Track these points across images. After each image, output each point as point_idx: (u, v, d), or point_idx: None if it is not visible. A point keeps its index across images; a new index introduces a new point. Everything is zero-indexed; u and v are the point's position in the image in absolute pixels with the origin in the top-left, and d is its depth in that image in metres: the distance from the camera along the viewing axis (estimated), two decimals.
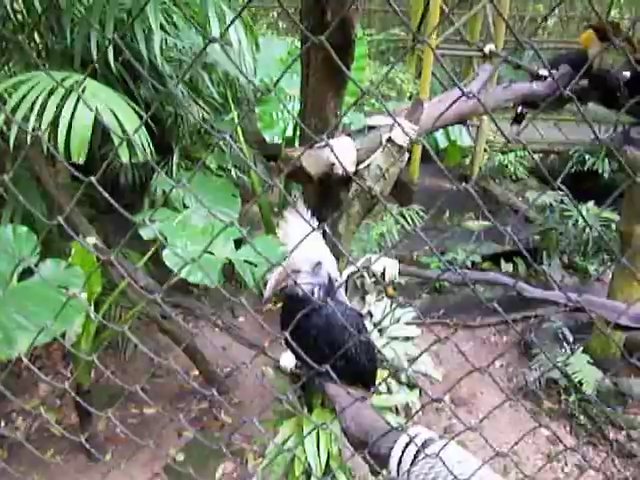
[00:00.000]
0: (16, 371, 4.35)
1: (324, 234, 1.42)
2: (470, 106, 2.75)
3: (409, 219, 5.49)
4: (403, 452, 1.11)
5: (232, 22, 0.73)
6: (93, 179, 0.71)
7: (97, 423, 3.86)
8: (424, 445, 1.10)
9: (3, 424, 4.02)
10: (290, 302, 1.73)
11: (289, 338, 0.95)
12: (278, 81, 0.68)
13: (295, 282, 1.57)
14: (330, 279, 1.67)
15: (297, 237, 1.50)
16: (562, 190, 0.74)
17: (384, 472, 1.15)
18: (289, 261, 1.61)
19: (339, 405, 1.50)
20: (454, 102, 0.72)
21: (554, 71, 3.52)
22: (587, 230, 5.60)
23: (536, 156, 7.03)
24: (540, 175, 6.97)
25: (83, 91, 2.79)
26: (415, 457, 1.09)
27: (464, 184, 0.77)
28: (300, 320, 1.09)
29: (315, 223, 1.59)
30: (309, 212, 1.69)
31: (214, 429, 4.13)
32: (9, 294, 2.41)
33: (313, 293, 1.64)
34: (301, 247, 1.44)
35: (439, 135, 5.22)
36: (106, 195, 0.73)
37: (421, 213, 5.55)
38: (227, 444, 3.97)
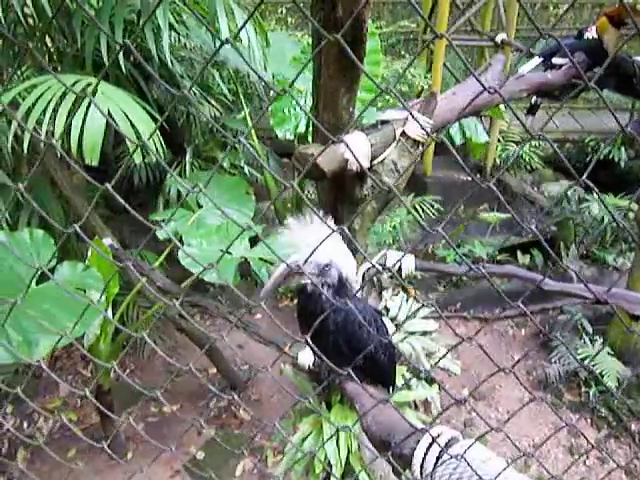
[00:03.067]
0: (37, 371, 4.41)
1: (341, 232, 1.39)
2: (485, 97, 2.70)
3: (422, 212, 5.46)
4: (426, 452, 1.09)
5: (245, 23, 0.71)
6: (109, 186, 0.70)
7: (118, 422, 3.90)
8: (447, 445, 1.09)
9: (25, 424, 4.07)
10: (302, 300, 1.71)
11: (309, 341, 0.94)
12: (293, 82, 0.66)
13: (311, 283, 1.54)
14: (340, 279, 1.63)
15: (306, 242, 1.48)
16: (587, 185, 0.72)
17: (407, 472, 1.14)
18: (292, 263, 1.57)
19: (360, 405, 1.49)
20: (476, 97, 0.70)
21: (568, 59, 3.45)
22: (605, 220, 5.51)
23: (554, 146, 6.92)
24: (556, 165, 6.87)
25: (94, 93, 2.79)
26: (438, 457, 1.08)
27: (481, 179, 0.76)
28: (315, 318, 1.08)
29: (331, 224, 1.56)
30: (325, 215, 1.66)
31: (233, 426, 4.15)
32: (28, 297, 2.43)
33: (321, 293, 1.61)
34: (307, 251, 1.41)
35: (454, 132, 5.16)
36: (123, 202, 0.73)
37: (435, 205, 5.50)
38: (247, 441, 3.99)
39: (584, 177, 0.68)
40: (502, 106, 5.61)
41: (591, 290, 0.86)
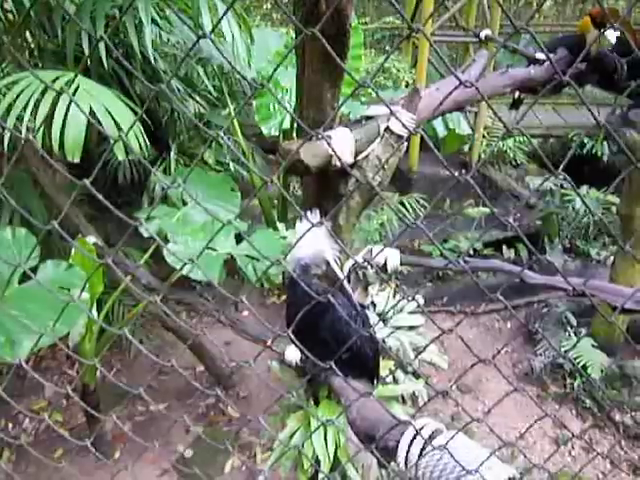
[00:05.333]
0: (22, 372, 4.36)
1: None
2: (468, 93, 2.72)
3: (409, 208, 5.48)
4: (411, 444, 1.10)
5: (223, 16, 0.71)
6: (87, 182, 0.70)
7: (104, 422, 3.87)
8: (432, 436, 1.10)
9: (10, 426, 4.03)
10: (295, 297, 1.71)
11: (292, 336, 0.94)
12: (272, 76, 0.66)
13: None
14: (335, 273, 1.66)
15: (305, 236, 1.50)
16: (565, 178, 0.73)
17: (393, 464, 1.15)
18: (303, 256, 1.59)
19: (346, 399, 1.50)
20: (452, 91, 0.71)
21: (551, 55, 3.48)
22: (588, 214, 5.58)
23: (535, 141, 7.00)
24: (540, 160, 6.94)
25: (76, 89, 2.76)
26: (423, 449, 1.09)
27: (464, 174, 0.76)
28: (305, 314, 1.08)
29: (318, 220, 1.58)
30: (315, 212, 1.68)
31: (222, 424, 4.14)
32: (11, 297, 2.40)
33: (324, 288, 1.62)
34: (309, 244, 1.43)
35: (438, 124, 5.18)
36: (101, 198, 0.72)
37: (421, 201, 5.53)
38: (235, 438, 3.98)
39: (560, 169, 0.69)
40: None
41: (568, 281, 0.88)
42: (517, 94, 3.69)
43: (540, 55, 3.47)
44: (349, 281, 2.54)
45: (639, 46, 3.21)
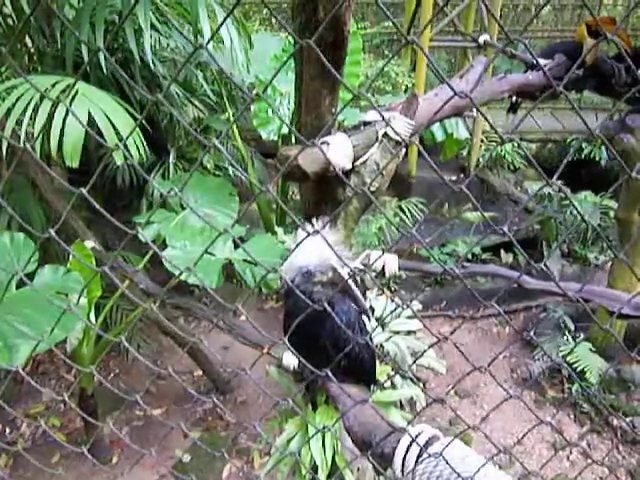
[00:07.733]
0: (19, 376, 4.35)
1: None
2: (464, 99, 2.73)
3: (408, 212, 5.48)
4: (407, 451, 1.10)
5: (222, 24, 0.72)
6: (83, 191, 0.70)
7: (102, 426, 3.87)
8: (428, 443, 1.10)
9: (8, 431, 4.02)
10: (295, 306, 1.70)
11: (288, 345, 0.94)
12: (267, 86, 0.67)
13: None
14: (339, 279, 1.65)
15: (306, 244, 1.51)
16: (558, 186, 0.73)
17: (388, 471, 1.15)
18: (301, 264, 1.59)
19: (343, 405, 1.50)
20: (448, 100, 0.71)
21: (549, 60, 3.49)
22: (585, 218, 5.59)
23: (533, 146, 7.02)
24: (539, 165, 6.96)
25: (75, 95, 2.77)
26: (419, 456, 1.09)
27: (461, 179, 0.77)
28: (304, 322, 1.08)
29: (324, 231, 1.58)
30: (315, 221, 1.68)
31: (219, 429, 4.14)
32: (8, 302, 2.40)
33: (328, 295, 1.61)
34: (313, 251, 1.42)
35: (436, 129, 5.19)
36: (98, 207, 0.73)
37: (420, 205, 5.54)
38: (233, 443, 3.97)
39: (555, 177, 0.69)
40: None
41: (561, 287, 0.88)
42: (515, 98, 3.70)
43: (540, 60, 3.48)
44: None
45: (632, 52, 3.24)
